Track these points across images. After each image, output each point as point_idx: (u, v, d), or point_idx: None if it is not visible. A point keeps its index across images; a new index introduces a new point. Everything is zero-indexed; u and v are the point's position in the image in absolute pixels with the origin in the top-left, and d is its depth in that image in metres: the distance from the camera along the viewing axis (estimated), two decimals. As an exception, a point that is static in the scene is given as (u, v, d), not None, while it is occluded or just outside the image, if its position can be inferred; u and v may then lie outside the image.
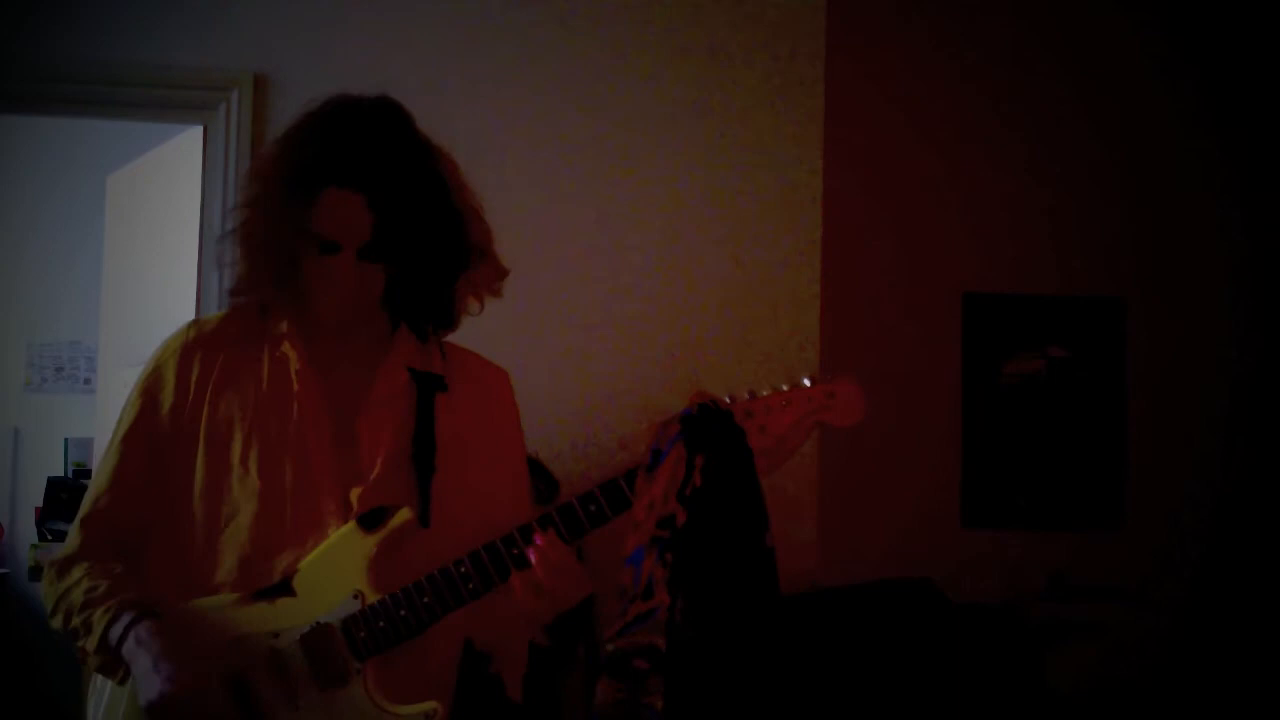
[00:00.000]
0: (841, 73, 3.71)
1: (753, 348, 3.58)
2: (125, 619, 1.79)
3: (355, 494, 1.87)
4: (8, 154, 5.76)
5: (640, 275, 3.57)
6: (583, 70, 3.57)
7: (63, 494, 5.61)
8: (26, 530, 5.71)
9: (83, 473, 5.47)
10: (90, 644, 1.81)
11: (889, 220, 4.07)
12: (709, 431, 1.78)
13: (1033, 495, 4.12)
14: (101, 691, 1.90)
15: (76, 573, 1.87)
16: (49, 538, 5.59)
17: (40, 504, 5.68)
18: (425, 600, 1.82)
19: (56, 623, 1.87)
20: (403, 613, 1.82)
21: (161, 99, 3.55)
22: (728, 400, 1.83)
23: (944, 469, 4.08)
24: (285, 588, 1.83)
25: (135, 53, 3.47)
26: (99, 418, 4.50)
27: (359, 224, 1.84)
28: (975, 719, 3.32)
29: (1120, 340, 4.15)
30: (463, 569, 1.81)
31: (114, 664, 1.81)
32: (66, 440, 5.76)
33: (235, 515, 1.87)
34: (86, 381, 5.63)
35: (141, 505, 1.91)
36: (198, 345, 1.95)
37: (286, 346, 1.93)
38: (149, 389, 1.94)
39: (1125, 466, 4.11)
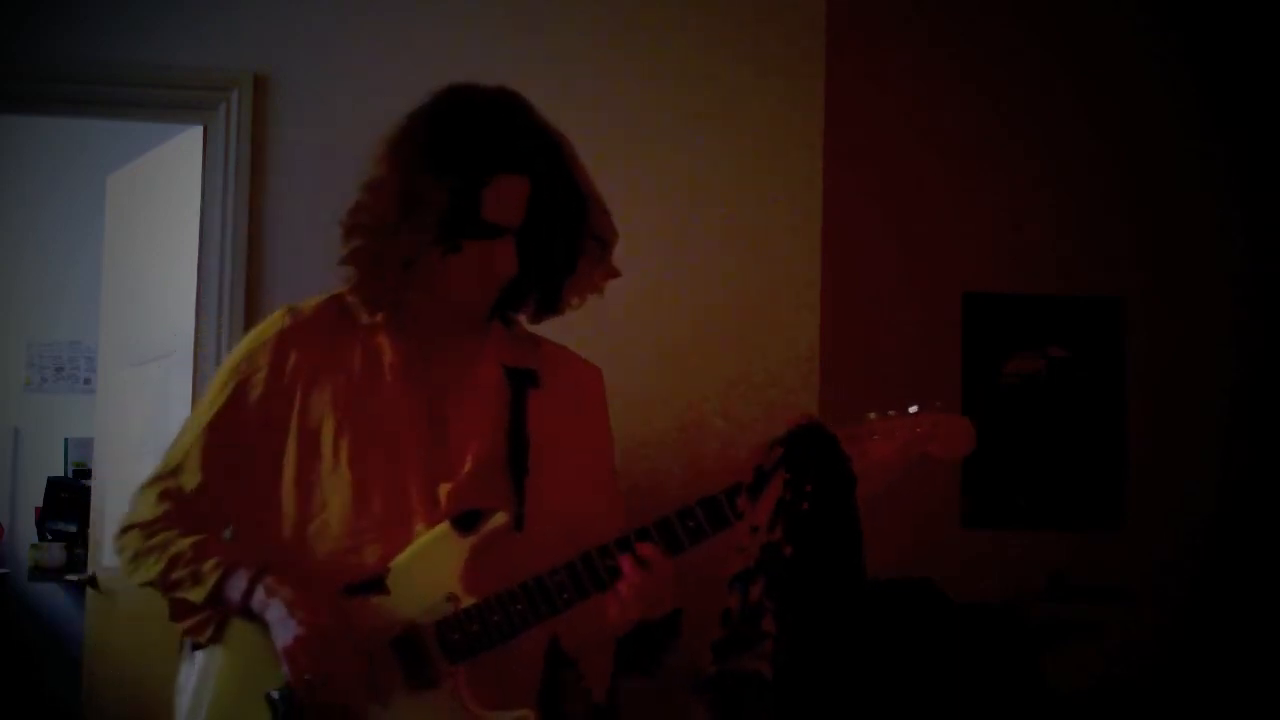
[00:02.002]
0: (841, 73, 3.71)
1: (752, 348, 3.57)
2: (243, 573, 1.80)
3: (444, 490, 1.86)
4: (8, 154, 5.76)
5: (639, 275, 3.55)
6: (580, 71, 3.57)
7: (63, 494, 5.62)
8: (26, 530, 5.72)
9: (83, 473, 5.48)
10: (198, 594, 1.81)
11: (889, 220, 4.06)
12: (816, 456, 1.75)
13: (1033, 495, 4.12)
14: (193, 657, 1.89)
15: (172, 531, 1.86)
16: (49, 538, 5.59)
17: (40, 504, 5.69)
18: (519, 607, 1.80)
19: (147, 575, 1.86)
20: (496, 618, 1.80)
21: (161, 99, 3.55)
22: (832, 424, 1.79)
23: (944, 469, 4.06)
24: (379, 585, 1.82)
25: (135, 53, 3.47)
26: (99, 418, 4.50)
27: (521, 208, 1.86)
28: (975, 719, 3.32)
29: (1120, 340, 4.15)
30: (558, 578, 1.79)
31: (206, 619, 1.82)
32: (66, 440, 5.77)
33: (325, 507, 1.86)
34: (86, 381, 5.64)
35: (227, 492, 1.90)
36: (293, 333, 1.94)
37: (381, 338, 1.92)
38: (241, 372, 1.92)
39: (1125, 466, 4.11)
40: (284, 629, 1.76)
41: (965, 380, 4.13)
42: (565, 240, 1.91)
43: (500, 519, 1.83)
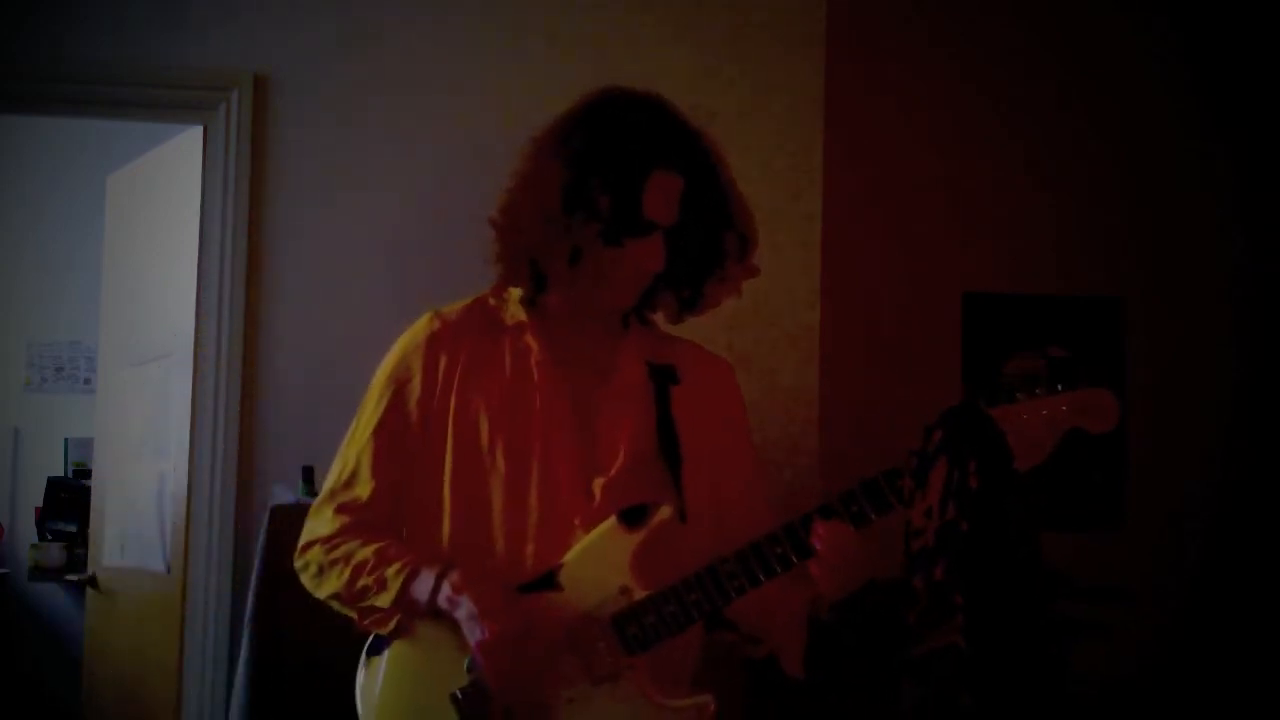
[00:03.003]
0: (841, 73, 3.71)
1: (752, 348, 3.57)
2: (430, 572, 1.85)
3: (598, 485, 1.91)
4: (8, 154, 5.76)
5: (640, 275, 3.57)
6: (579, 70, 3.57)
7: (63, 494, 5.62)
8: (26, 530, 5.72)
9: (83, 473, 5.48)
10: (385, 599, 1.86)
11: (889, 220, 4.06)
12: (973, 435, 1.82)
13: (1032, 495, 4.12)
14: (371, 663, 1.92)
15: (353, 542, 1.91)
16: (49, 538, 5.59)
17: (40, 504, 5.69)
18: (694, 597, 1.84)
19: (333, 587, 1.91)
20: (671, 608, 1.85)
21: (161, 99, 3.56)
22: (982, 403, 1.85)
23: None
24: (551, 581, 1.86)
25: (135, 53, 3.47)
26: (99, 418, 4.50)
27: (675, 206, 1.92)
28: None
29: (1120, 340, 4.15)
30: (728, 567, 1.84)
31: (390, 617, 1.86)
32: (66, 440, 5.77)
33: (484, 505, 1.91)
34: (86, 381, 5.64)
35: (398, 496, 1.95)
36: (443, 336, 1.99)
37: (529, 337, 1.97)
38: (396, 379, 1.98)
39: (1125, 466, 4.11)
40: (476, 625, 1.79)
41: (965, 380, 4.13)
42: (711, 238, 1.98)
43: (666, 512, 1.88)
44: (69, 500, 5.54)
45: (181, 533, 3.57)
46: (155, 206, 3.96)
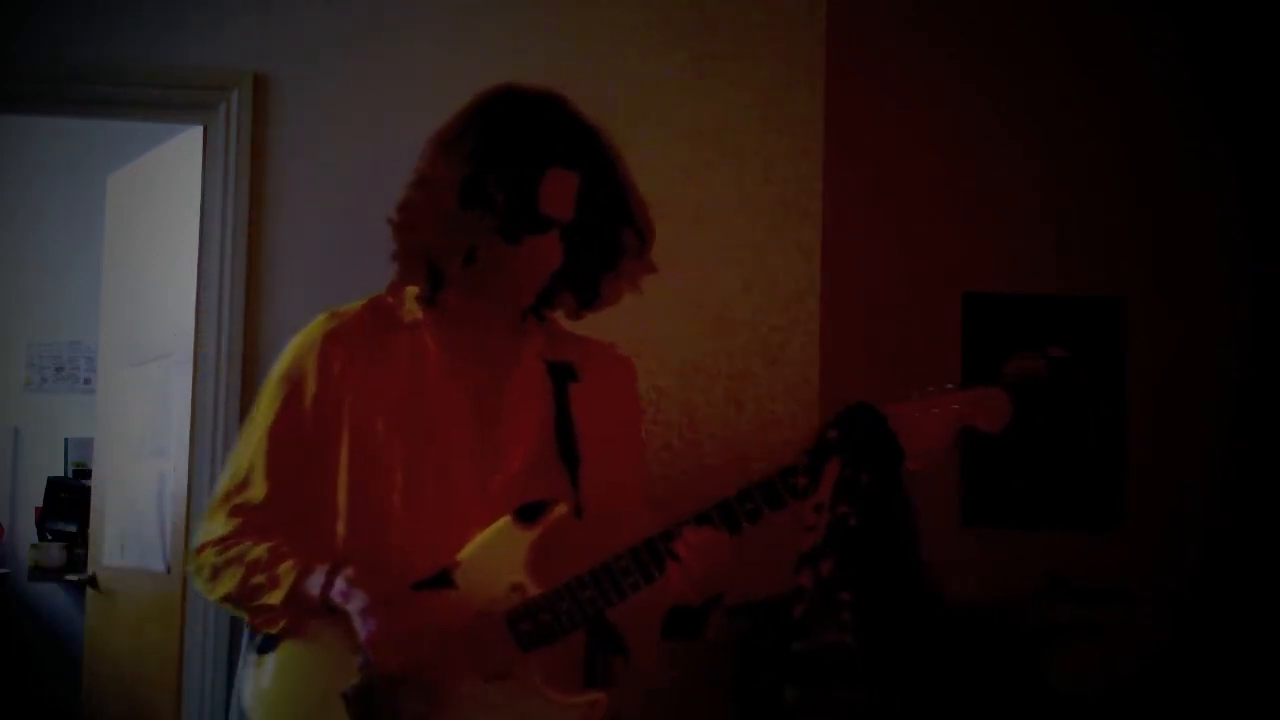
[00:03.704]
0: (841, 72, 3.71)
1: (753, 348, 3.58)
2: (322, 569, 1.84)
3: (496, 483, 1.91)
4: (8, 154, 5.77)
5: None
6: (578, 69, 3.57)
7: (63, 494, 5.62)
8: (26, 530, 5.72)
9: (83, 473, 5.48)
10: (276, 596, 1.85)
11: (889, 220, 4.06)
12: (868, 434, 1.84)
13: (1033, 495, 4.12)
14: (260, 661, 1.92)
15: (246, 543, 1.90)
16: (49, 538, 5.60)
17: (40, 504, 5.69)
18: (588, 594, 1.85)
19: (226, 588, 1.90)
20: (566, 605, 1.86)
21: (161, 99, 3.55)
22: (876, 403, 1.88)
23: (944, 468, 4.07)
24: (446, 579, 1.86)
25: (135, 53, 3.47)
26: (99, 418, 4.50)
27: (572, 203, 1.91)
28: (975, 719, 3.32)
29: (1120, 340, 4.15)
30: (623, 564, 1.85)
31: (283, 615, 1.85)
32: (66, 440, 5.78)
33: (380, 505, 1.90)
34: (86, 381, 5.64)
35: (291, 498, 1.94)
36: (339, 335, 1.98)
37: (426, 336, 1.97)
38: (291, 379, 1.97)
39: (1125, 466, 4.11)
40: (367, 620, 1.79)
41: (965, 380, 4.12)
42: (608, 235, 1.97)
43: (562, 509, 1.89)
44: (69, 500, 5.54)
45: (181, 533, 3.57)
46: (155, 206, 3.96)
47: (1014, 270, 4.14)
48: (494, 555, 1.88)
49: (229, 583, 1.90)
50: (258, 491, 1.94)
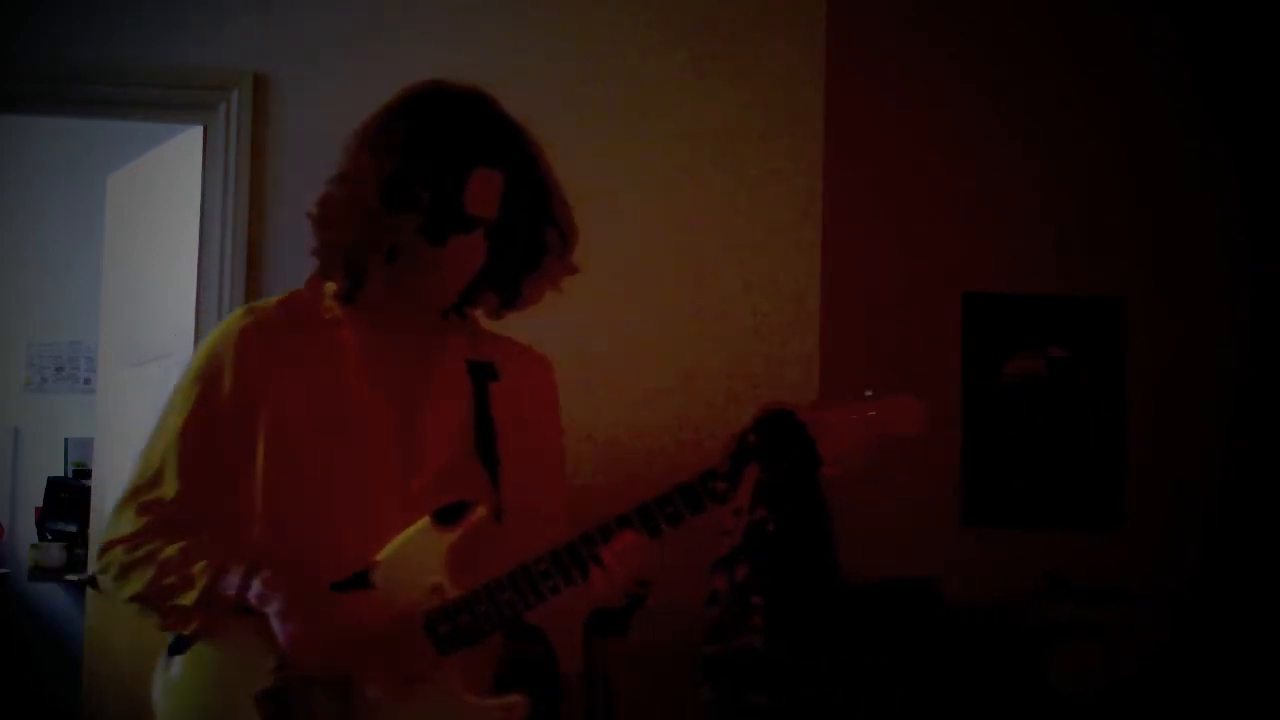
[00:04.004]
0: (841, 72, 3.71)
1: (753, 348, 3.58)
2: (239, 568, 1.81)
3: (416, 484, 1.88)
4: (8, 154, 5.77)
5: (637, 274, 3.57)
6: (578, 69, 3.57)
7: (63, 494, 5.62)
8: (26, 530, 5.72)
9: (83, 473, 5.48)
10: (190, 598, 1.82)
11: (889, 220, 4.06)
12: (786, 440, 1.83)
13: (1033, 495, 4.12)
14: (172, 663, 1.91)
15: (157, 541, 1.87)
16: (49, 538, 5.59)
17: (40, 504, 5.69)
18: (506, 597, 1.83)
19: (135, 588, 1.87)
20: (484, 608, 1.83)
21: (161, 99, 3.56)
22: (795, 407, 1.86)
23: (944, 468, 4.08)
24: (363, 580, 1.84)
25: (135, 53, 3.47)
26: (99, 418, 4.50)
27: (496, 202, 1.88)
28: (975, 719, 3.32)
29: (1120, 340, 4.15)
30: (542, 567, 1.82)
31: (195, 615, 1.83)
32: (66, 440, 5.77)
33: (296, 506, 1.87)
34: (86, 381, 5.64)
35: (207, 496, 1.90)
36: (255, 331, 1.94)
37: (345, 334, 1.93)
38: (207, 376, 1.93)
39: (1125, 466, 4.11)
40: (286, 622, 1.77)
41: (965, 380, 4.13)
42: (531, 234, 1.94)
43: (482, 511, 1.86)
44: (69, 500, 5.54)
45: (181, 533, 3.57)
46: (155, 206, 3.96)
47: (1014, 270, 4.14)
48: (413, 556, 1.85)
49: (138, 583, 1.86)
50: (169, 489, 1.90)
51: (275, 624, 1.78)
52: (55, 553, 5.49)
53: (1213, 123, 4.17)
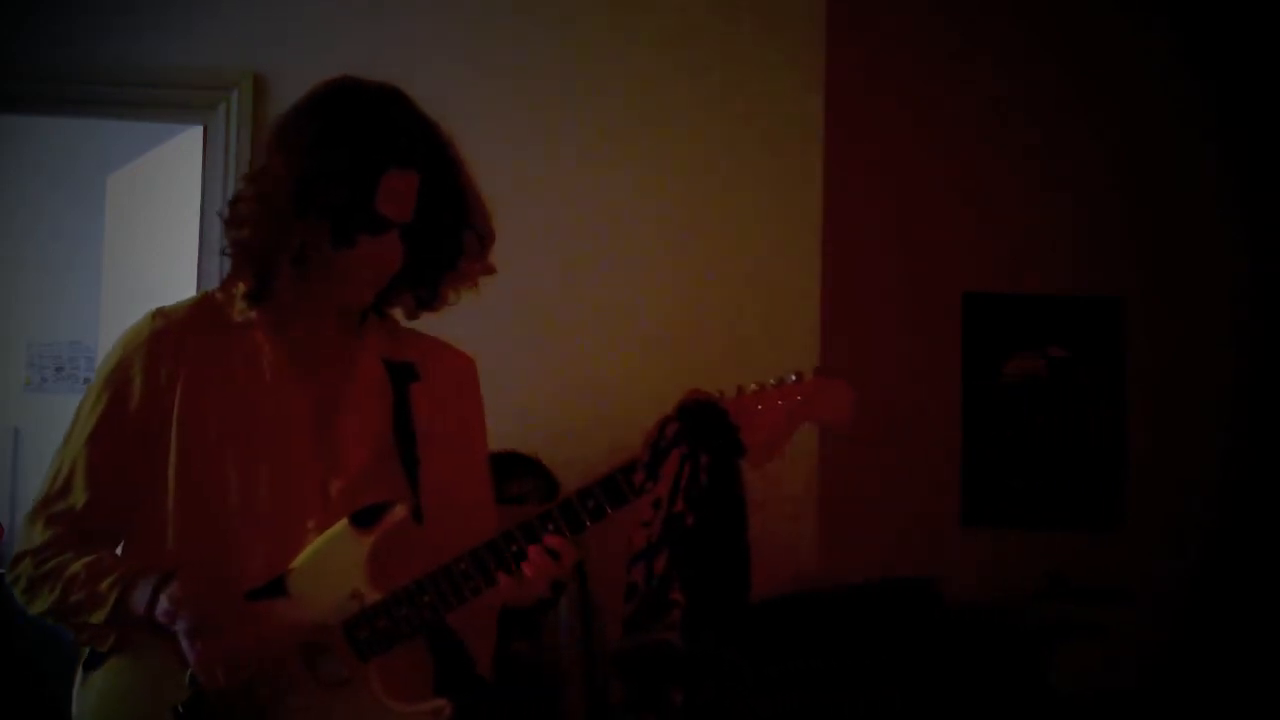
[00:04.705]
0: (842, 72, 3.71)
1: (752, 348, 3.57)
2: (147, 583, 1.76)
3: (335, 487, 1.84)
4: (8, 154, 5.75)
5: (638, 275, 3.57)
6: (581, 73, 3.57)
7: (63, 494, 5.62)
8: (26, 530, 5.72)
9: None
10: (99, 615, 1.77)
11: (889, 220, 4.06)
12: (708, 429, 1.78)
13: (1033, 495, 4.12)
14: (89, 679, 1.86)
15: (65, 555, 1.82)
16: (49, 538, 5.60)
17: (40, 504, 5.69)
18: (427, 599, 1.79)
19: (45, 603, 1.82)
20: (404, 611, 1.79)
21: (161, 99, 3.56)
22: (718, 395, 1.81)
23: (944, 468, 4.08)
24: (279, 588, 1.79)
25: (135, 53, 3.47)
26: (99, 418, 4.50)
27: (411, 203, 1.84)
28: (975, 719, 3.32)
29: (1120, 340, 4.15)
30: (463, 567, 1.79)
31: (105, 634, 1.79)
32: (66, 440, 5.77)
33: (211, 512, 1.83)
34: (86, 381, 5.63)
35: (115, 504, 1.86)
36: (166, 335, 1.90)
37: (259, 336, 1.89)
38: (115, 381, 1.88)
39: (1125, 466, 4.11)
40: (194, 639, 1.73)
41: (965, 380, 4.13)
42: (448, 236, 1.90)
43: (400, 512, 1.81)
44: (69, 500, 5.54)
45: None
46: (155, 206, 3.96)
47: (1014, 270, 4.15)
48: (330, 561, 1.80)
49: (46, 599, 1.81)
50: (78, 498, 1.85)
51: (184, 643, 1.73)
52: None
53: (1213, 123, 4.17)
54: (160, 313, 1.95)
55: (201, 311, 1.94)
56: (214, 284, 3.46)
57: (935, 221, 4.10)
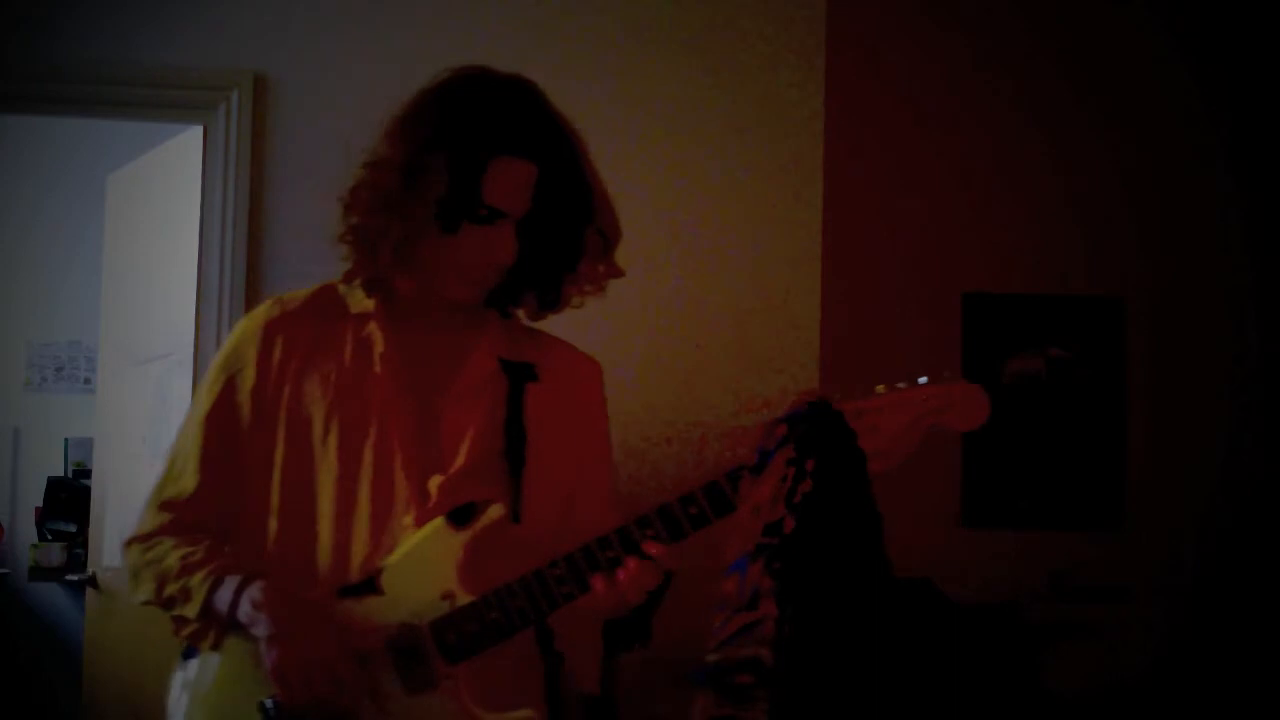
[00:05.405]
0: (842, 72, 3.71)
1: (753, 347, 3.57)
2: (231, 583, 1.76)
3: (435, 483, 1.80)
4: (8, 154, 5.76)
5: (637, 275, 3.56)
6: (582, 70, 3.57)
7: (62, 494, 5.62)
8: (26, 530, 5.72)
9: (82, 473, 5.48)
10: (191, 610, 1.77)
11: (889, 220, 4.06)
12: (819, 433, 1.68)
13: (1033, 495, 4.12)
14: (186, 667, 1.86)
15: (166, 544, 1.82)
16: (49, 538, 5.59)
17: (40, 504, 5.68)
18: (518, 604, 1.74)
19: (145, 593, 1.83)
20: (494, 615, 1.74)
21: (161, 99, 3.55)
22: (836, 397, 1.73)
23: (944, 469, 4.08)
24: (371, 586, 1.77)
25: (135, 53, 3.47)
26: (99, 418, 4.50)
27: (525, 195, 1.80)
28: (974, 719, 3.32)
29: (1120, 340, 4.15)
30: (557, 571, 1.73)
31: (205, 630, 1.78)
32: (66, 440, 5.77)
33: (314, 502, 1.81)
34: (86, 381, 5.63)
35: (227, 492, 1.85)
36: (280, 323, 1.89)
37: (372, 327, 1.87)
38: (230, 368, 1.88)
39: (1125, 466, 4.11)
40: (271, 649, 1.72)
41: (965, 380, 4.12)
42: (569, 234, 1.86)
43: (496, 511, 1.77)
44: (69, 500, 5.54)
45: (181, 533, 3.57)
46: (155, 206, 3.96)
47: (1014, 270, 4.14)
48: (423, 559, 1.76)
49: (147, 588, 1.82)
50: (188, 483, 1.85)
51: (262, 647, 1.73)
52: (55, 553, 5.49)
53: (1213, 122, 4.17)
54: (278, 300, 1.94)
55: (318, 300, 1.93)
56: (214, 284, 3.50)
57: (935, 221, 4.11)
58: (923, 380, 1.74)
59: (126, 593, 1.90)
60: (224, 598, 1.76)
